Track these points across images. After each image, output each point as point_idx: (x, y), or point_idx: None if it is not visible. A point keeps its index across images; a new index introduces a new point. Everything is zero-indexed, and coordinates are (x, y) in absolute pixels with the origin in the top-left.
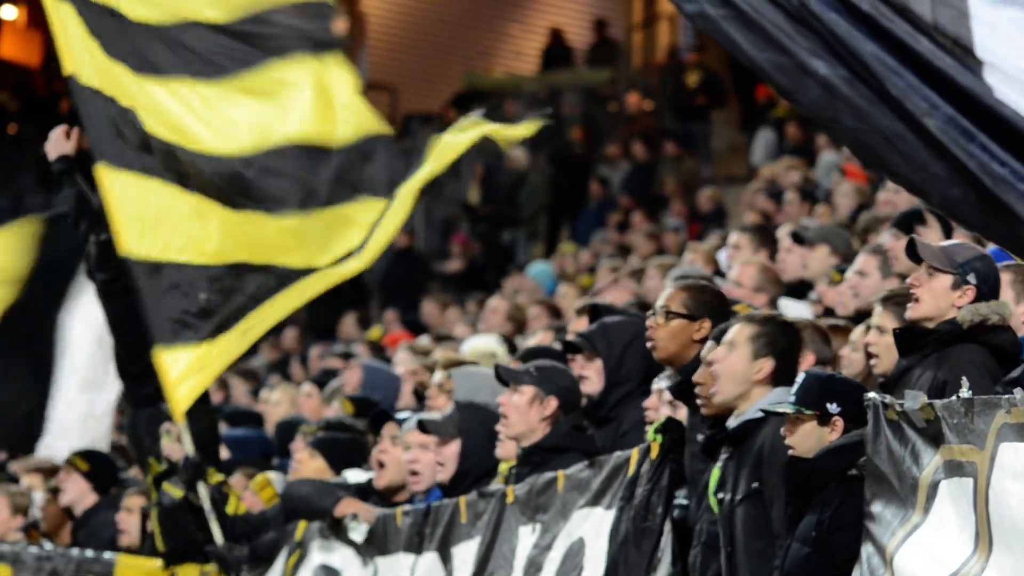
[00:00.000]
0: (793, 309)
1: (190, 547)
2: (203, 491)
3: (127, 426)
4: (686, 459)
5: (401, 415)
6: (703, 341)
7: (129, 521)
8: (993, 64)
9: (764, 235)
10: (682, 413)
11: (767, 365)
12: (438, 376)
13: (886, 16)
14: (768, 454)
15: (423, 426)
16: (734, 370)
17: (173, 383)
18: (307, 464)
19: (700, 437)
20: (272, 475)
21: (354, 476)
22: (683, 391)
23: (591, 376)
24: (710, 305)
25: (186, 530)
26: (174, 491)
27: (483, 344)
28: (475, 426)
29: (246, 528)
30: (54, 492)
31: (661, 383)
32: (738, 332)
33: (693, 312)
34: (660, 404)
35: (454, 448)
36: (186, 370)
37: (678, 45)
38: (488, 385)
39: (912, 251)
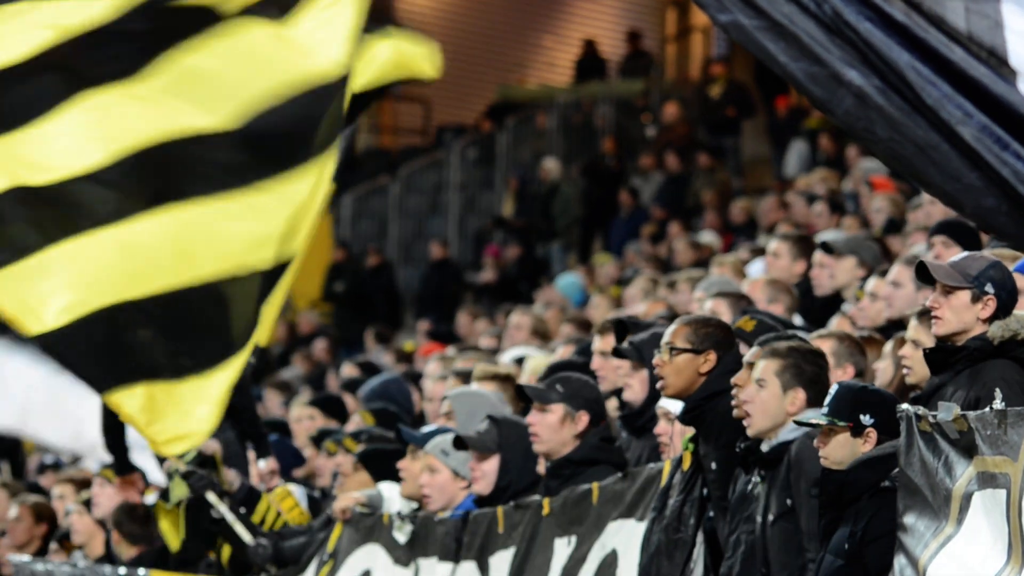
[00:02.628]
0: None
1: (208, 538)
2: (212, 498)
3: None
4: (699, 487)
5: (427, 428)
6: (709, 373)
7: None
8: None
9: (804, 245)
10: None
11: (799, 396)
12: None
13: (920, 26)
14: (793, 468)
15: (461, 442)
16: (767, 405)
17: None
18: (352, 478)
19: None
20: (293, 487)
21: (388, 489)
22: (692, 418)
23: (634, 385)
24: (715, 337)
25: (209, 520)
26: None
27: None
28: (515, 441)
29: (276, 539)
30: (86, 504)
31: (666, 405)
32: (764, 368)
33: (697, 346)
34: (669, 427)
35: (493, 463)
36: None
37: (711, 57)
38: (487, 406)
39: (924, 273)
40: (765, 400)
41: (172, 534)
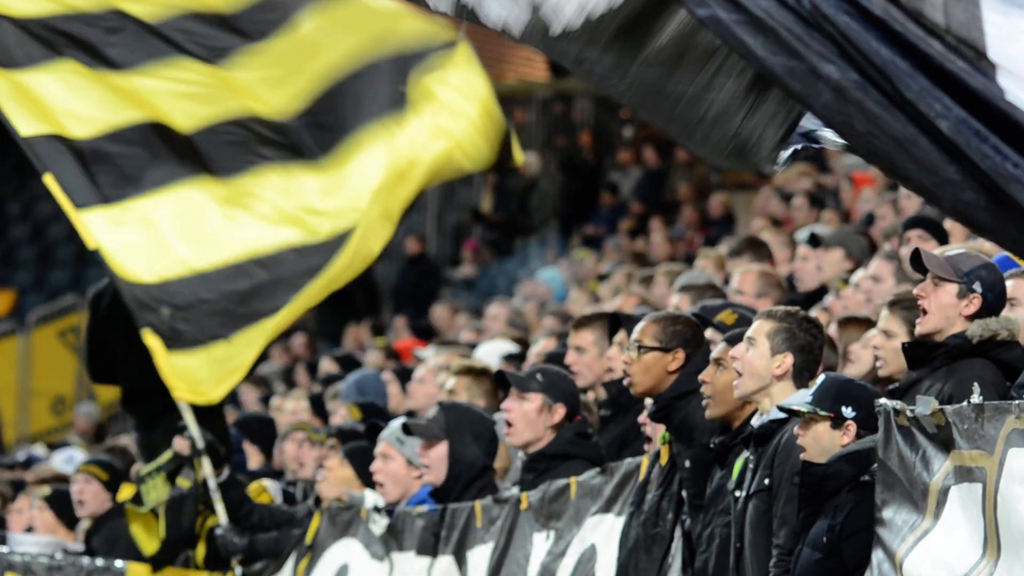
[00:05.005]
0: None
1: (188, 537)
2: (207, 467)
3: (140, 446)
4: (677, 482)
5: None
6: (678, 371)
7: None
8: (1006, 67)
9: (757, 246)
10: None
11: (787, 360)
12: (450, 383)
13: (898, 20)
14: (781, 450)
15: (408, 429)
16: (754, 366)
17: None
18: (336, 472)
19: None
20: (267, 482)
21: (373, 497)
22: (663, 416)
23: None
24: (683, 335)
25: (189, 520)
26: (183, 483)
27: (496, 349)
28: (462, 428)
29: (270, 521)
30: (48, 500)
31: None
32: (758, 328)
33: (666, 344)
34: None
35: (441, 450)
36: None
37: None
38: None
39: (917, 261)
40: (752, 360)
41: (144, 539)
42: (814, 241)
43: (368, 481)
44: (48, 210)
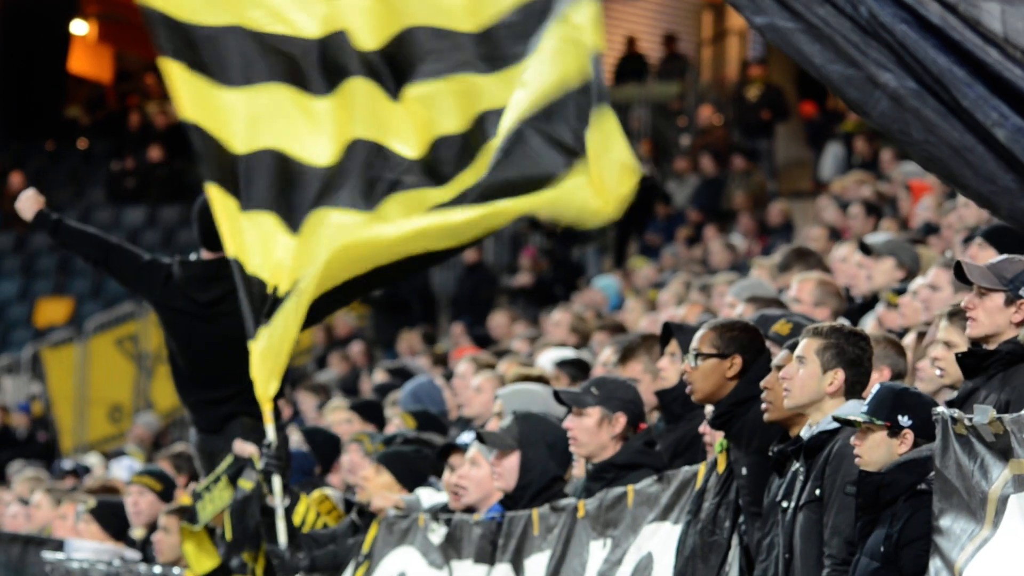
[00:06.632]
0: None
1: (253, 538)
2: (278, 486)
3: (201, 451)
4: (734, 490)
5: (464, 438)
6: (737, 377)
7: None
8: None
9: (806, 256)
10: None
11: (838, 376)
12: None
13: (956, 28)
14: (831, 460)
15: (481, 438)
16: (805, 384)
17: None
18: (373, 480)
19: (766, 451)
20: (329, 491)
21: (427, 496)
22: (722, 423)
23: (668, 368)
24: (740, 341)
25: (253, 521)
26: (246, 484)
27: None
28: (535, 437)
29: (311, 543)
30: (93, 512)
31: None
32: (806, 346)
33: (723, 351)
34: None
35: (513, 460)
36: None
37: (747, 60)
38: (538, 402)
39: (961, 273)
40: (804, 378)
41: (195, 557)
42: (865, 249)
43: (408, 484)
44: (105, 218)
